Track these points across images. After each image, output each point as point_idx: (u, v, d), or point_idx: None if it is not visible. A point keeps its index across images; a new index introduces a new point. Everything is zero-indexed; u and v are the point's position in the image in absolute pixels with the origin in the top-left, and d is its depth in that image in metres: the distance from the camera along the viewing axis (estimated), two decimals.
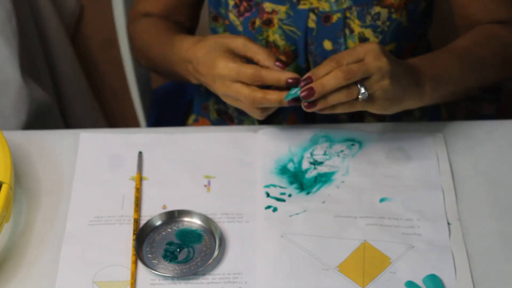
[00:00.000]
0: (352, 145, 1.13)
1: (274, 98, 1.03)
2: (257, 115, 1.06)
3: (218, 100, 1.31)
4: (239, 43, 1.05)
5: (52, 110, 1.68)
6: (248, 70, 1.02)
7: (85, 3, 1.97)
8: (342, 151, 1.12)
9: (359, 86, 1.00)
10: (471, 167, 1.10)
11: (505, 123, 1.17)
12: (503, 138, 1.14)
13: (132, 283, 0.98)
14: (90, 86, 1.97)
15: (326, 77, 0.99)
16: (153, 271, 0.98)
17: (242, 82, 1.03)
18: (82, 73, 1.92)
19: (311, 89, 0.99)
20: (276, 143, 1.13)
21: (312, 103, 1.00)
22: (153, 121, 1.55)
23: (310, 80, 1.00)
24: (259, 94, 1.03)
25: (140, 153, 1.13)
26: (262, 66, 1.04)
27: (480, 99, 2.00)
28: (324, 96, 1.00)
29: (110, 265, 1.00)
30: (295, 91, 1.01)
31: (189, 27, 1.31)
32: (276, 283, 0.97)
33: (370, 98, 1.01)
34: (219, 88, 1.06)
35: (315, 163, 1.11)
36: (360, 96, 1.00)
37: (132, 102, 1.56)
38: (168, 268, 0.99)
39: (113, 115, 2.07)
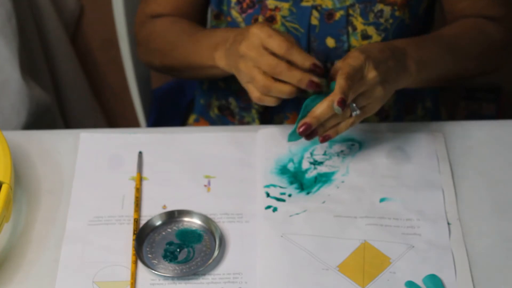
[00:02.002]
0: (352, 145, 1.13)
1: (298, 73, 1.02)
2: (263, 99, 1.05)
3: (219, 96, 1.32)
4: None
5: (52, 110, 1.68)
6: (281, 36, 1.02)
7: (85, 3, 1.97)
8: (342, 151, 1.12)
9: (351, 105, 1.02)
10: (471, 167, 1.10)
11: (505, 123, 1.17)
12: (503, 138, 1.14)
13: (132, 283, 0.98)
14: (90, 86, 1.97)
15: (319, 109, 1.01)
16: (153, 271, 0.98)
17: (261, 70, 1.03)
18: (82, 73, 1.92)
19: (307, 124, 1.01)
20: (276, 143, 1.13)
21: (312, 133, 1.03)
22: (153, 121, 1.55)
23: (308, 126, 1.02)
24: (284, 63, 1.02)
25: (140, 153, 1.13)
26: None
27: (480, 99, 2.01)
28: (322, 124, 1.03)
29: (110, 265, 1.00)
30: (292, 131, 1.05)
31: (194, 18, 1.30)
32: (276, 283, 0.97)
33: (365, 108, 1.04)
34: (245, 46, 1.04)
35: (315, 163, 1.11)
36: (353, 114, 1.03)
37: (132, 102, 1.56)
38: (168, 268, 0.99)
39: (113, 115, 2.07)
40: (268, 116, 1.29)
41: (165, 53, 1.24)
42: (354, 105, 1.02)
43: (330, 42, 1.19)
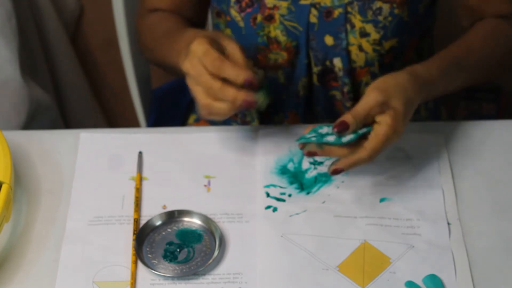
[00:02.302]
0: None
1: (231, 93, 0.99)
2: (212, 110, 1.02)
3: None
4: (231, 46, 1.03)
5: (52, 110, 1.68)
6: (215, 54, 0.99)
7: (85, 3, 1.97)
8: None
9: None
10: (471, 167, 1.10)
11: (505, 123, 1.17)
12: (503, 138, 1.14)
13: (132, 283, 0.98)
14: (90, 86, 1.97)
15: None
16: (153, 271, 0.98)
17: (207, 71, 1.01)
18: (82, 73, 1.92)
19: (343, 121, 0.99)
20: (276, 143, 1.13)
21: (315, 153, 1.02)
22: (153, 121, 1.55)
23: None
24: (217, 83, 0.99)
25: (140, 153, 1.13)
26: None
27: (480, 99, 2.01)
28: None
29: (110, 265, 1.00)
30: (309, 136, 1.01)
31: (198, 23, 1.30)
32: (276, 283, 0.97)
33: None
34: (185, 65, 1.02)
35: (315, 163, 1.11)
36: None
37: (132, 102, 1.56)
38: (168, 268, 0.99)
39: (113, 115, 2.07)
40: (268, 115, 1.29)
41: (151, 48, 1.25)
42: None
43: (329, 40, 1.19)
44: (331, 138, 0.99)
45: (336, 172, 1.00)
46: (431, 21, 1.27)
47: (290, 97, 1.27)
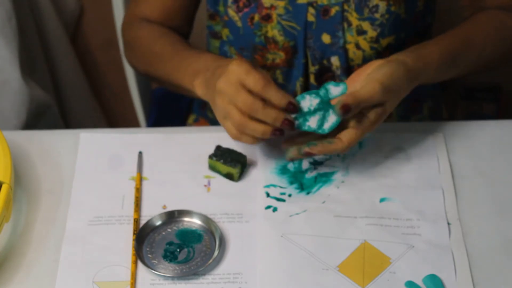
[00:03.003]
0: None
1: (273, 112, 0.99)
2: (244, 138, 1.03)
3: None
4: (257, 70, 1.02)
5: (52, 110, 1.68)
6: (259, 74, 0.99)
7: (85, 3, 1.97)
8: None
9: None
10: (471, 167, 1.10)
11: (505, 123, 1.17)
12: (503, 138, 1.14)
13: (132, 283, 0.98)
14: (90, 86, 1.97)
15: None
16: (153, 271, 0.98)
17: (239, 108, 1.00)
18: (82, 73, 1.92)
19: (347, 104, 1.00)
20: (276, 143, 1.13)
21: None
22: (153, 121, 1.55)
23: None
24: (259, 102, 1.00)
25: (140, 153, 1.13)
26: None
27: (480, 99, 2.01)
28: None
29: (110, 265, 1.00)
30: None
31: (186, 32, 1.30)
32: (276, 283, 0.97)
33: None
34: (220, 85, 1.02)
35: (315, 163, 1.11)
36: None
37: (132, 102, 1.56)
38: (168, 268, 0.99)
39: (113, 115, 2.07)
40: None
41: (150, 63, 1.23)
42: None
43: (326, 38, 1.19)
44: (313, 121, 1.01)
45: (308, 155, 1.02)
46: (431, 18, 1.27)
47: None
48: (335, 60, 1.21)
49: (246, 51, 1.24)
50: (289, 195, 1.07)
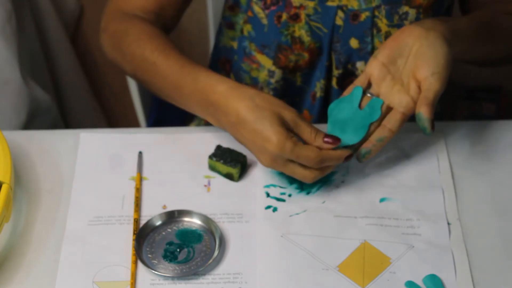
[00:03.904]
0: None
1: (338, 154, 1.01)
2: (313, 176, 1.02)
3: None
4: (290, 118, 1.00)
5: (52, 110, 1.68)
6: (310, 154, 0.99)
7: (85, 3, 1.97)
8: None
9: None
10: (471, 167, 1.10)
11: (505, 123, 1.17)
12: (503, 138, 1.14)
13: (132, 283, 0.98)
14: (90, 86, 1.97)
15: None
16: (153, 271, 0.98)
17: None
18: (82, 73, 1.92)
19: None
20: None
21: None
22: (153, 121, 1.55)
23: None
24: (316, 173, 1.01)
25: (140, 153, 1.13)
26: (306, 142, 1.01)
27: (480, 99, 2.01)
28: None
29: (110, 265, 1.00)
30: None
31: (174, 25, 1.23)
32: (276, 283, 0.97)
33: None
34: (266, 161, 1.01)
35: None
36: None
37: (132, 102, 1.56)
38: (168, 268, 0.99)
39: (113, 115, 2.07)
40: None
41: (140, 68, 1.14)
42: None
43: (354, 43, 1.19)
44: (350, 137, 1.03)
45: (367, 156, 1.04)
46: None
47: (304, 99, 1.27)
48: (361, 65, 1.21)
49: (268, 49, 1.23)
50: (289, 195, 1.07)
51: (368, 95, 1.04)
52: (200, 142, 1.14)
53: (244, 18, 1.23)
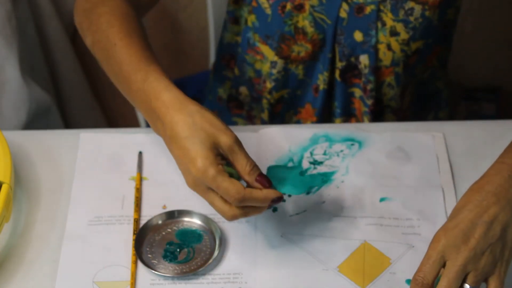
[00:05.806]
0: (352, 145, 1.13)
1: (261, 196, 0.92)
2: (231, 214, 0.93)
3: (232, 84, 1.32)
4: (226, 144, 0.92)
5: (52, 110, 1.68)
6: (230, 188, 0.89)
7: None
8: (342, 150, 1.12)
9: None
10: (471, 167, 1.10)
11: (505, 123, 1.17)
12: (503, 138, 1.14)
13: (132, 283, 0.98)
14: (90, 86, 1.97)
15: None
16: (153, 271, 0.98)
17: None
18: (82, 73, 1.92)
19: None
20: (276, 143, 1.13)
21: None
22: None
23: None
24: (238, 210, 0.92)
25: (140, 153, 1.13)
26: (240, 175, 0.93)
27: (480, 99, 2.01)
28: None
29: (110, 265, 1.00)
30: None
31: (143, 11, 1.14)
32: (276, 283, 0.97)
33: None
34: (188, 183, 0.94)
35: (315, 162, 1.11)
36: None
37: None
38: (168, 268, 0.99)
39: (113, 115, 2.07)
40: (279, 108, 1.29)
41: (100, 43, 1.06)
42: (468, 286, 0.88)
43: (358, 36, 1.19)
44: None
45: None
46: (453, 30, 1.27)
47: (306, 92, 1.27)
48: (364, 59, 1.21)
49: (271, 40, 1.23)
50: (289, 195, 1.07)
51: None
52: None
53: (249, 9, 1.23)
